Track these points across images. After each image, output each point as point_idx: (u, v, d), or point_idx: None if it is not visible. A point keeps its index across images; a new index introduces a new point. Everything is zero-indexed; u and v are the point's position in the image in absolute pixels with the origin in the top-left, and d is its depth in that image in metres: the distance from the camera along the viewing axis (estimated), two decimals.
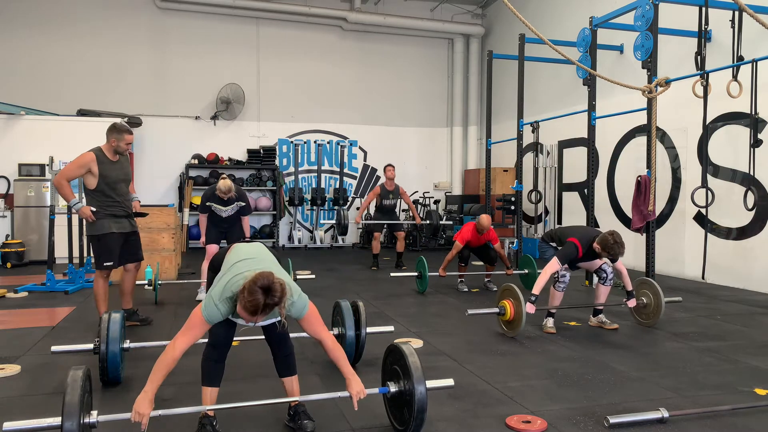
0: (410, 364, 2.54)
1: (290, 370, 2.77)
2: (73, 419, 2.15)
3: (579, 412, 2.90)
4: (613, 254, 4.38)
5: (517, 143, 8.27)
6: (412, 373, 2.51)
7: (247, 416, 2.86)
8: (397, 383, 2.62)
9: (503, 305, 4.41)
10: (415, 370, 2.52)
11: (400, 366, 2.62)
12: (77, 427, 2.16)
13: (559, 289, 4.63)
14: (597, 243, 4.45)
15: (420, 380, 2.50)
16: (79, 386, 2.24)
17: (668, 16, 6.93)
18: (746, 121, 6.30)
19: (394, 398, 2.67)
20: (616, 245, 4.33)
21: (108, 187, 4.47)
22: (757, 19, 3.13)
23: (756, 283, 6.52)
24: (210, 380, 2.64)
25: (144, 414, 2.31)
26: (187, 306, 5.57)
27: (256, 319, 2.37)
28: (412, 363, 2.54)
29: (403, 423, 2.61)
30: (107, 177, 4.44)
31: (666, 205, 7.72)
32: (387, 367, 2.76)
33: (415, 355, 2.60)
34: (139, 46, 10.91)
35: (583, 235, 4.62)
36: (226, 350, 2.68)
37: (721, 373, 3.58)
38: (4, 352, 3.94)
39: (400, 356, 2.63)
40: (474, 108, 12.68)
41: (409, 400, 2.52)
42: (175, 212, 7.42)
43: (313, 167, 11.83)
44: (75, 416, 2.16)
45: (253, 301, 2.28)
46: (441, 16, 12.35)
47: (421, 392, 2.48)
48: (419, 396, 2.47)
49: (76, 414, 2.17)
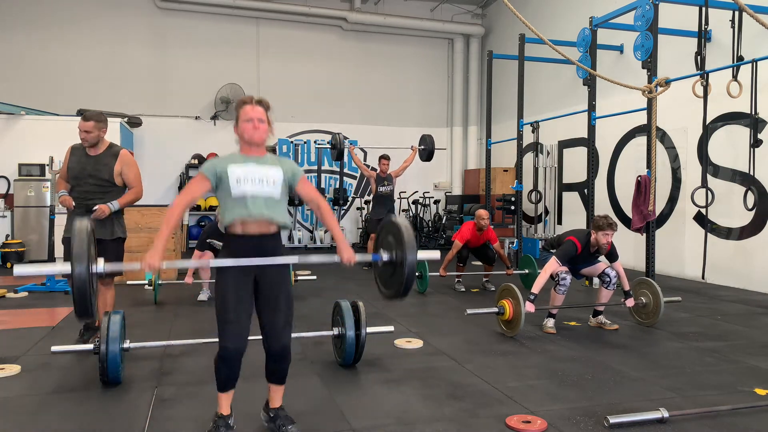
0: (404, 234, 2.68)
1: (282, 381, 2.72)
2: (82, 265, 2.28)
3: (579, 412, 2.90)
4: (606, 226, 4.46)
5: (517, 143, 8.27)
6: (405, 241, 2.66)
7: (249, 416, 2.86)
8: (389, 252, 2.77)
9: (502, 305, 4.41)
10: (408, 239, 2.66)
11: (393, 235, 2.77)
12: (86, 271, 2.30)
13: (560, 291, 4.63)
14: (592, 228, 4.57)
15: (412, 248, 2.64)
16: (85, 236, 2.36)
17: (668, 16, 6.94)
18: (746, 121, 6.30)
19: (386, 265, 2.80)
20: (606, 218, 4.49)
21: (72, 182, 4.06)
22: (757, 19, 3.13)
23: (756, 283, 6.52)
24: (224, 387, 2.59)
25: (154, 266, 2.40)
26: (188, 306, 5.58)
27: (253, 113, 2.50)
28: (406, 234, 2.68)
29: (390, 287, 2.78)
30: (71, 170, 4.05)
31: (666, 205, 7.72)
32: (381, 240, 2.90)
33: (409, 228, 2.73)
34: (139, 46, 10.91)
35: (579, 233, 4.74)
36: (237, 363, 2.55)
37: (721, 373, 3.58)
38: (4, 352, 3.94)
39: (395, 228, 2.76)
40: (474, 108, 12.67)
41: (401, 266, 2.67)
42: None
43: (313, 167, 11.83)
44: (84, 262, 2.29)
45: (245, 97, 2.55)
46: (441, 16, 12.35)
47: (411, 259, 2.63)
48: (409, 263, 2.63)
49: (85, 260, 2.30)
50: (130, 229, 6.95)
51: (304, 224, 11.77)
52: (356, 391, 3.28)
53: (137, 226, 6.98)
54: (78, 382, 3.37)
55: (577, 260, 4.70)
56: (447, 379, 3.44)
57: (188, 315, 5.27)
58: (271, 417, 2.70)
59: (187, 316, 5.23)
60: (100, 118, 4.06)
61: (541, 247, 5.48)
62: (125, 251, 4.26)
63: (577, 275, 4.91)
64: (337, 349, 3.71)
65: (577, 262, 4.74)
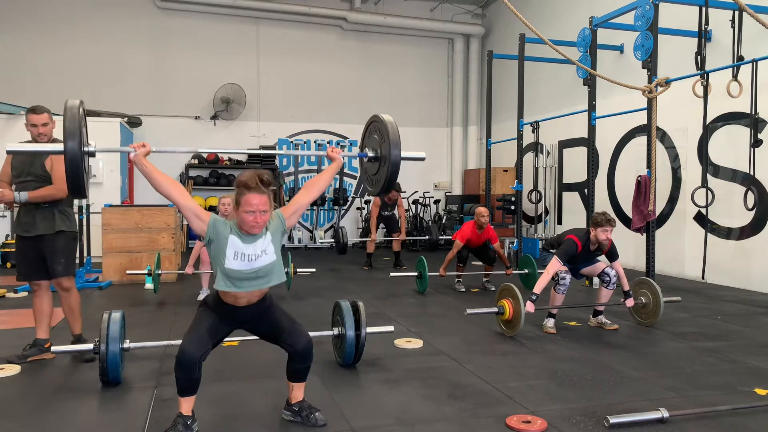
0: (389, 130, 2.82)
1: (305, 378, 2.82)
2: (74, 140, 2.40)
3: (579, 412, 2.90)
4: (604, 222, 4.48)
5: (517, 143, 8.27)
6: (390, 138, 2.79)
7: (249, 416, 2.86)
8: (375, 150, 2.89)
9: (502, 305, 4.41)
10: (392, 135, 2.80)
11: (379, 132, 2.89)
12: (79, 146, 2.42)
13: (560, 291, 4.63)
14: (591, 226, 4.59)
15: (396, 145, 2.79)
16: (77, 113, 2.48)
17: (668, 16, 6.93)
18: (746, 121, 6.29)
19: (371, 162, 2.95)
20: (605, 215, 4.52)
21: (15, 181, 3.75)
22: (757, 19, 3.13)
23: (756, 283, 6.52)
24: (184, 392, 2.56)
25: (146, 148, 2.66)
26: (188, 306, 5.58)
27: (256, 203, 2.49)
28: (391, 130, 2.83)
29: (375, 184, 2.93)
30: (14, 168, 3.78)
31: (666, 205, 7.72)
32: (367, 137, 3.03)
33: (394, 123, 2.87)
34: (139, 46, 10.92)
35: (579, 231, 4.76)
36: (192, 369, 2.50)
37: (721, 373, 3.58)
38: (4, 352, 3.93)
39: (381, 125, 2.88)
40: (474, 108, 12.68)
41: (385, 162, 2.79)
42: (174, 212, 7.41)
43: (313, 167, 11.83)
44: (76, 138, 2.41)
45: (247, 174, 2.54)
46: (441, 16, 12.35)
47: (396, 155, 2.79)
48: (393, 159, 2.79)
49: (77, 137, 2.42)
50: (130, 229, 7.07)
51: (304, 224, 11.77)
52: (356, 391, 3.28)
53: (137, 226, 6.98)
54: (78, 382, 3.38)
55: (578, 259, 4.70)
56: (447, 379, 3.44)
57: (188, 315, 5.23)
58: (295, 411, 2.76)
59: (187, 315, 5.20)
60: (50, 111, 3.84)
61: (541, 247, 5.48)
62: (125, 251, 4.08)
63: (577, 275, 4.92)
64: (337, 349, 3.71)
65: (578, 261, 4.75)
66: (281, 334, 2.73)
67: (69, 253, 3.80)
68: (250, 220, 2.52)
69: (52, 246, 3.69)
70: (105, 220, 6.93)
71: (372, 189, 2.97)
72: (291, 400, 2.80)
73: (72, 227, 3.83)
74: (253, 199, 2.50)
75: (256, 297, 2.67)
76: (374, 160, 2.90)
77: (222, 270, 2.57)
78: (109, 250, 6.89)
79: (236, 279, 2.57)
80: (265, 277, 2.62)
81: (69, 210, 3.84)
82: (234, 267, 2.55)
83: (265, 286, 2.64)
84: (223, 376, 3.41)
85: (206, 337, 2.58)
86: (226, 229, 2.59)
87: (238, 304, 2.64)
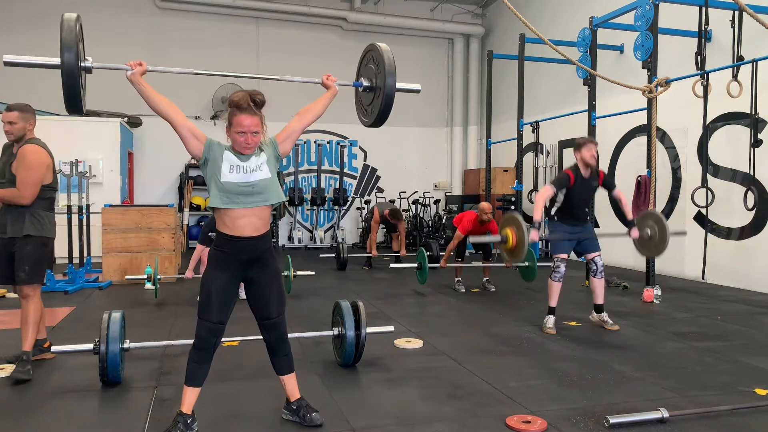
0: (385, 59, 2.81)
1: (290, 367, 2.79)
2: (71, 53, 2.34)
3: (579, 412, 2.90)
4: (586, 141, 4.50)
5: (517, 143, 8.28)
6: (386, 67, 2.77)
7: (249, 416, 2.86)
8: (370, 80, 2.89)
9: (506, 234, 4.40)
10: (388, 64, 2.79)
11: (375, 61, 2.88)
12: (75, 59, 2.38)
13: (555, 278, 4.62)
14: (575, 151, 4.58)
15: (391, 74, 2.78)
16: (74, 26, 2.48)
17: (668, 16, 6.93)
18: (746, 121, 6.29)
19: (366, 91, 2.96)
20: (584, 137, 4.57)
21: None
22: (757, 19, 3.13)
23: (756, 283, 6.52)
24: (192, 380, 2.59)
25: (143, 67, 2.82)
26: (188, 306, 5.58)
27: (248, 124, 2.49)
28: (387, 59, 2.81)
29: (369, 114, 2.94)
30: None
31: (666, 205, 7.72)
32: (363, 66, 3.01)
33: (390, 53, 2.85)
34: (139, 46, 10.91)
35: (570, 166, 4.71)
36: (209, 354, 2.59)
37: (721, 373, 3.58)
38: (4, 352, 3.93)
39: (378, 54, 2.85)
40: (474, 108, 12.67)
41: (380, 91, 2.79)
42: (174, 212, 7.42)
43: (313, 167, 11.83)
44: (73, 51, 2.33)
45: (239, 93, 2.53)
46: (441, 16, 12.35)
47: (390, 85, 2.77)
48: (388, 90, 2.77)
49: (74, 49, 2.39)
50: (130, 228, 7.07)
51: (304, 224, 11.77)
52: (356, 390, 3.28)
53: (137, 226, 6.98)
54: (78, 382, 3.37)
55: (575, 193, 4.58)
56: (447, 379, 3.44)
57: (188, 315, 5.27)
58: (294, 409, 2.76)
59: (187, 316, 5.23)
60: (27, 109, 3.67)
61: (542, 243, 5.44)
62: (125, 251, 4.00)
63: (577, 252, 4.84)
64: (337, 349, 3.71)
65: (577, 196, 4.61)
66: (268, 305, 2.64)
67: (36, 259, 3.60)
68: (241, 141, 2.53)
69: (20, 251, 3.54)
70: (105, 220, 6.93)
71: (366, 119, 2.95)
72: (290, 398, 2.79)
73: (42, 232, 3.60)
74: (244, 120, 2.51)
75: (258, 223, 2.57)
76: (369, 90, 2.89)
77: (218, 186, 2.53)
78: (109, 250, 6.89)
79: (233, 193, 2.51)
80: (262, 194, 2.55)
81: (43, 213, 3.64)
82: (230, 179, 2.52)
83: (262, 204, 2.56)
84: (223, 376, 3.41)
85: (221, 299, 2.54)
86: (221, 148, 2.61)
87: (243, 233, 2.53)
